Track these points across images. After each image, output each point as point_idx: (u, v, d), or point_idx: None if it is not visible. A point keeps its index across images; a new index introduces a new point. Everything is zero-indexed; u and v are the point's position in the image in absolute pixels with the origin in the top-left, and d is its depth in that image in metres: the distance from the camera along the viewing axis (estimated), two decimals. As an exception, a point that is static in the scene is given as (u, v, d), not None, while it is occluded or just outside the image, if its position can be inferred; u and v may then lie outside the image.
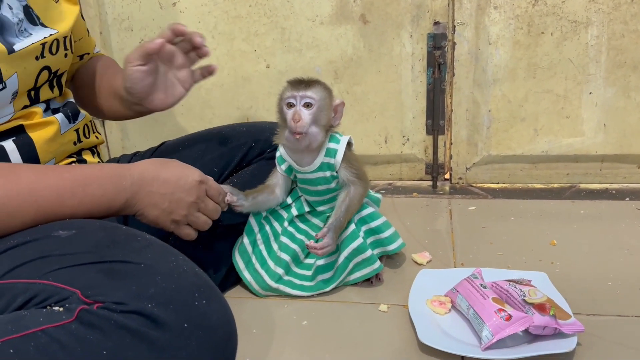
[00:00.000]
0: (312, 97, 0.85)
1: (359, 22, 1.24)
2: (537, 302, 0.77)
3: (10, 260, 0.63)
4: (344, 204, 0.88)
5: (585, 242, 1.04)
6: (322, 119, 0.86)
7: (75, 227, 0.68)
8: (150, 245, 0.67)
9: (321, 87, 0.87)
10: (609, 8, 1.14)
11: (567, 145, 1.25)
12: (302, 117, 0.84)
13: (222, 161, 1.04)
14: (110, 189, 0.73)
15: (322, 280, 0.92)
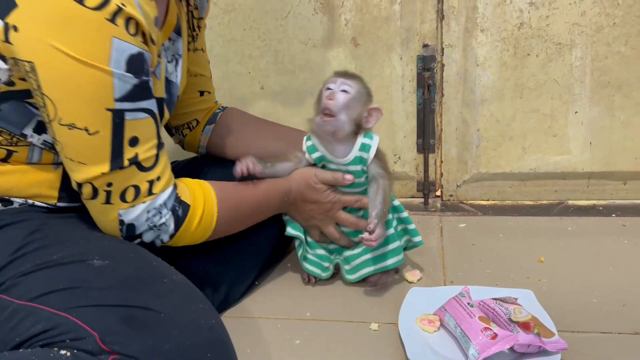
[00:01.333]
0: (350, 85, 0.91)
1: (350, 45, 1.28)
2: (522, 320, 0.79)
3: (45, 283, 0.67)
4: (379, 195, 0.94)
5: (572, 258, 1.06)
6: (354, 111, 0.91)
7: (110, 256, 0.71)
8: (174, 289, 0.70)
9: (362, 83, 0.93)
10: (591, 31, 1.18)
11: (555, 162, 1.28)
12: (336, 97, 0.89)
13: None
14: (277, 205, 0.96)
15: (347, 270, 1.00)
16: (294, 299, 0.99)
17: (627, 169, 1.27)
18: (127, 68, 0.69)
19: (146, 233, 0.78)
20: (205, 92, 1.08)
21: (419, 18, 1.23)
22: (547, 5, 1.18)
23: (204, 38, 1.06)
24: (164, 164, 0.78)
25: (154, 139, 0.76)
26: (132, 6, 0.68)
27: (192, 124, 1.08)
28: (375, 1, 1.24)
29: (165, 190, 0.78)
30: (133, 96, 0.71)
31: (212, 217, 0.84)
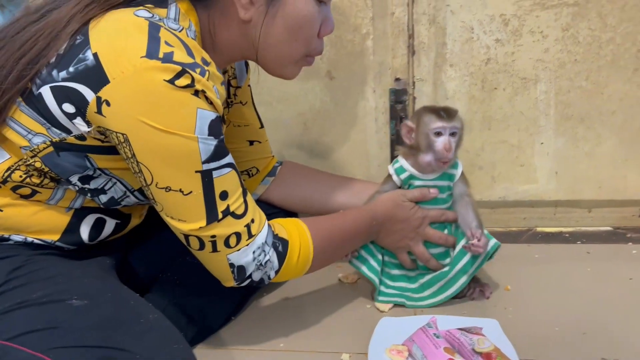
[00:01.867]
0: (458, 127, 0.99)
1: (326, 78, 1.32)
2: (484, 351, 0.82)
3: (24, 322, 0.69)
4: (470, 209, 1.02)
5: (537, 286, 1.10)
6: (460, 144, 1.01)
7: (89, 296, 0.74)
8: (151, 329, 0.73)
9: (459, 115, 1.01)
10: (554, 66, 1.24)
11: (523, 191, 1.33)
12: (452, 146, 0.98)
13: None
14: (367, 230, 1.00)
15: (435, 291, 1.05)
16: (269, 329, 1.01)
17: (592, 197, 1.32)
18: (209, 132, 0.75)
19: (255, 273, 0.84)
20: (255, 141, 1.13)
21: (391, 53, 1.28)
22: (512, 42, 1.23)
23: (249, 92, 1.12)
24: (253, 207, 0.83)
25: (240, 188, 0.81)
26: (212, 92, 0.75)
27: (252, 172, 1.14)
28: (349, 37, 1.28)
29: (263, 230, 0.84)
30: (216, 156, 0.76)
31: (308, 249, 0.89)
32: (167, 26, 0.74)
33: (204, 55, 0.76)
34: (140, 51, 0.69)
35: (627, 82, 1.23)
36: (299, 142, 1.38)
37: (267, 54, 0.86)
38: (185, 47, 0.73)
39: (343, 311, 1.06)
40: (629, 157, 1.28)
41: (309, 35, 0.86)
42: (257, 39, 0.83)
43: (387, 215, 1.01)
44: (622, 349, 0.89)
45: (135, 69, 0.68)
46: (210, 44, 0.85)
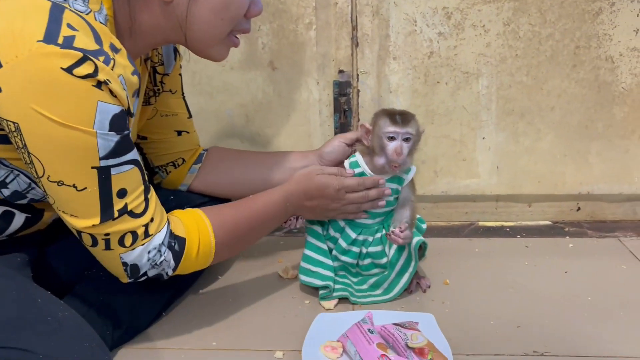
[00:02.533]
0: (411, 132, 0.98)
1: (268, 68, 1.29)
2: (417, 346, 0.82)
3: None
4: (408, 211, 1.02)
5: (475, 281, 1.10)
6: (414, 149, 1.01)
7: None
8: (59, 329, 0.68)
9: (415, 120, 1.00)
10: (496, 61, 1.24)
11: (465, 186, 1.33)
12: (403, 151, 0.97)
13: None
14: (281, 212, 0.97)
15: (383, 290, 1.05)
16: (201, 328, 0.97)
17: (531, 192, 1.33)
18: (110, 127, 0.70)
19: (150, 271, 0.82)
20: (183, 132, 1.09)
21: (334, 44, 1.26)
22: (454, 35, 1.23)
23: (179, 80, 1.07)
24: (154, 206, 0.80)
25: (141, 186, 0.78)
26: (117, 83, 0.69)
27: (178, 162, 1.10)
28: (291, 26, 1.25)
29: (161, 230, 0.81)
30: (117, 152, 0.72)
31: (209, 244, 0.86)
32: (73, 8, 0.69)
33: (113, 41, 0.72)
34: (38, 34, 0.64)
35: (566, 78, 1.25)
36: (240, 134, 1.34)
37: (193, 35, 0.82)
38: (92, 32, 0.68)
39: (281, 307, 1.03)
40: (567, 153, 1.30)
41: (236, 15, 0.82)
42: (181, 20, 0.79)
43: (302, 194, 0.98)
44: (553, 342, 0.90)
45: (31, 53, 0.64)
46: (127, 29, 0.80)
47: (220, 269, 1.18)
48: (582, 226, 1.34)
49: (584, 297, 1.03)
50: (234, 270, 1.18)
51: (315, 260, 1.05)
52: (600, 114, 1.26)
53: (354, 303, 1.03)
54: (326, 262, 1.05)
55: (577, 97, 1.26)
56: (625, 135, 1.28)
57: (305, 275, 1.05)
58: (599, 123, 1.27)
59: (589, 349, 0.88)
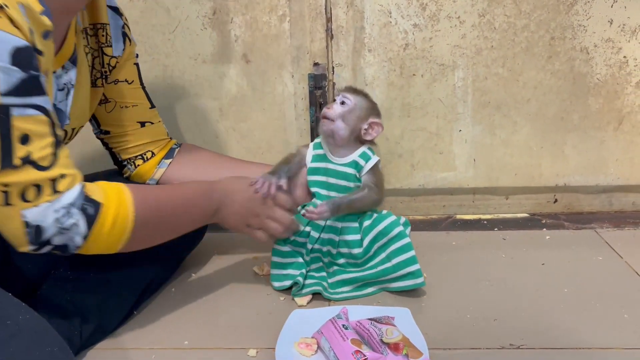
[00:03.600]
0: (349, 98, 1.00)
1: (242, 61, 1.26)
2: (392, 341, 0.80)
3: None
4: (355, 195, 1.00)
5: (452, 274, 1.10)
6: (351, 120, 0.99)
7: None
8: (18, 333, 0.64)
9: (362, 97, 1.01)
10: (471, 53, 1.23)
11: (442, 179, 1.33)
12: (333, 107, 0.99)
13: None
14: (205, 203, 0.91)
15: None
16: (173, 327, 0.95)
17: (508, 184, 1.33)
18: (12, 61, 0.65)
19: (56, 237, 0.72)
20: (146, 122, 1.05)
21: (309, 37, 1.24)
22: (430, 27, 1.22)
23: (135, 70, 1.04)
24: (65, 162, 0.72)
25: (50, 137, 0.70)
26: (16, 11, 0.64)
27: (147, 156, 1.07)
28: (264, 18, 1.23)
29: (73, 188, 0.72)
30: (21, 91, 0.66)
31: (127, 217, 0.77)
32: None
33: None
34: None
35: (541, 70, 1.24)
36: (214, 129, 1.32)
37: None
38: None
39: (255, 304, 1.01)
40: (544, 145, 1.30)
41: None
42: None
43: (229, 191, 0.94)
44: (530, 334, 0.89)
45: None
46: None
47: (194, 266, 1.16)
48: (559, 218, 1.34)
49: (560, 289, 1.03)
50: (208, 268, 1.15)
51: (283, 264, 1.04)
52: (576, 106, 1.26)
53: (327, 299, 1.01)
54: (295, 261, 1.04)
55: (552, 88, 1.25)
56: (600, 126, 1.28)
57: (277, 281, 1.04)
58: (575, 115, 1.27)
59: (566, 340, 0.88)
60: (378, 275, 1.01)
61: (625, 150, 1.29)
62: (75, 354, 0.86)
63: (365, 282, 1.02)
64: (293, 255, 1.05)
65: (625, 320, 0.93)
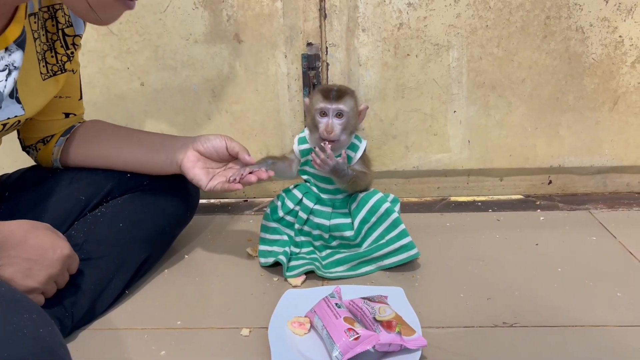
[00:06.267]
0: (343, 109, 0.95)
1: (234, 41, 1.25)
2: (385, 319, 0.80)
3: None
4: (354, 172, 0.98)
5: (446, 254, 1.09)
6: (349, 125, 0.97)
7: None
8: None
9: (349, 96, 0.97)
10: (466, 32, 1.22)
11: (436, 160, 1.32)
12: (334, 128, 0.95)
13: (90, 188, 1.01)
14: None
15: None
16: (166, 307, 0.94)
17: (503, 165, 1.33)
18: None
19: None
20: (71, 114, 1.03)
21: (302, 16, 1.22)
22: (424, 6, 1.20)
23: (77, 60, 1.00)
24: None
25: None
26: None
27: (47, 139, 1.03)
28: (257, -3, 1.21)
29: None
30: None
31: None
32: None
33: None
34: None
35: (537, 49, 1.23)
36: (207, 110, 1.30)
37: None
38: None
39: (248, 285, 1.01)
40: (538, 126, 1.29)
41: None
42: None
43: (17, 236, 0.76)
44: (523, 313, 0.89)
45: None
46: None
47: (187, 247, 1.15)
48: (553, 199, 1.34)
49: (554, 269, 1.03)
50: (201, 249, 1.15)
51: (269, 240, 1.04)
52: (571, 86, 1.25)
53: (321, 277, 1.01)
54: (281, 239, 1.04)
55: (547, 68, 1.24)
56: (595, 107, 1.27)
57: (263, 257, 1.04)
58: (570, 95, 1.27)
59: (558, 318, 0.88)
60: (372, 252, 1.01)
61: (620, 131, 1.29)
62: (67, 335, 0.86)
63: (360, 260, 1.02)
64: (279, 232, 1.05)
65: (619, 298, 0.93)
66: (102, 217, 0.97)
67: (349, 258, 1.02)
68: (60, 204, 0.98)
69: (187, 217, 1.12)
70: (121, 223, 0.97)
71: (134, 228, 0.98)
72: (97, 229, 0.95)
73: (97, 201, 1.00)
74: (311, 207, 1.02)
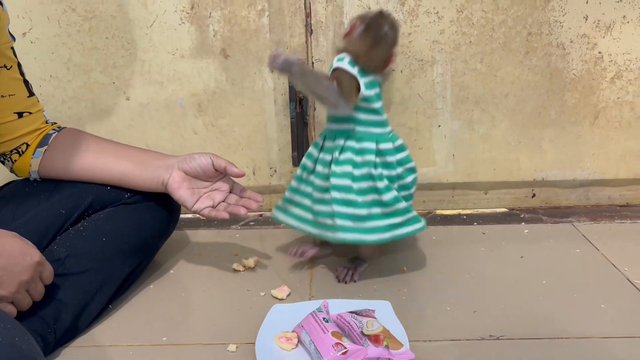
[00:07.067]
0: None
1: (220, 56, 1.25)
2: (373, 333, 0.80)
3: None
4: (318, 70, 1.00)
5: (432, 268, 1.10)
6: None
7: None
8: None
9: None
10: (450, 48, 1.24)
11: (422, 174, 1.33)
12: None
13: (70, 201, 1.00)
14: None
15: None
16: (151, 323, 0.93)
17: (487, 179, 1.34)
18: None
19: None
20: (24, 112, 0.99)
21: (289, 32, 1.23)
22: (408, 22, 1.22)
23: (12, 54, 0.98)
24: None
25: None
26: None
27: (22, 149, 1.00)
28: (243, 13, 1.22)
29: None
30: None
31: None
32: None
33: None
34: None
35: (519, 65, 1.25)
36: (193, 125, 1.30)
37: None
38: None
39: (235, 300, 1.00)
40: (521, 140, 1.31)
41: None
42: None
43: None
44: (509, 325, 0.90)
45: None
46: None
47: (173, 262, 1.14)
48: (537, 212, 1.36)
49: (538, 281, 1.04)
50: (187, 263, 1.14)
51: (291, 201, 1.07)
52: (553, 101, 1.28)
53: (323, 231, 1.00)
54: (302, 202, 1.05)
55: (530, 84, 1.27)
56: (577, 121, 1.30)
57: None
58: (552, 110, 1.29)
59: (544, 331, 0.88)
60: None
61: (601, 145, 1.31)
62: (50, 353, 0.84)
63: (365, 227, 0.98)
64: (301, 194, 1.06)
65: (602, 310, 0.94)
66: (84, 231, 0.96)
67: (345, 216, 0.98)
68: (40, 218, 0.96)
69: (169, 229, 1.11)
70: (104, 237, 0.96)
71: (117, 242, 0.97)
72: (80, 243, 0.93)
73: (78, 214, 0.99)
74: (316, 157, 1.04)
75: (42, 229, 0.95)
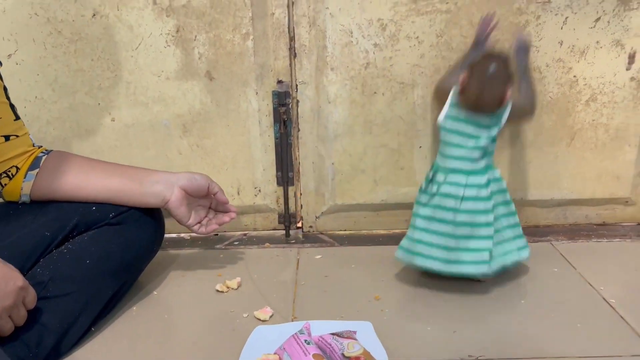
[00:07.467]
0: None
1: (205, 78, 1.27)
2: (353, 355, 0.81)
3: None
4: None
5: (414, 287, 1.11)
6: None
7: None
8: None
9: None
10: (430, 71, 1.27)
11: (404, 193, 1.35)
12: None
13: (55, 223, 1.00)
14: None
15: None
16: (135, 346, 0.94)
17: (468, 199, 1.36)
18: None
19: None
20: (11, 136, 0.99)
21: (273, 55, 1.26)
22: (390, 47, 1.25)
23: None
24: None
25: None
26: None
27: (12, 172, 1.00)
28: (228, 36, 1.24)
29: None
30: None
31: None
32: None
33: None
34: None
35: (497, 88, 1.28)
36: (178, 145, 1.31)
37: None
38: None
39: (218, 322, 1.01)
40: (501, 161, 1.34)
41: None
42: None
43: None
44: (488, 345, 0.92)
45: None
46: None
47: (156, 284, 1.14)
48: (516, 231, 1.38)
49: (517, 300, 1.06)
50: (170, 285, 1.15)
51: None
52: (531, 123, 1.31)
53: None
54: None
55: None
56: (554, 142, 1.33)
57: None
58: (530, 131, 1.32)
59: (521, 350, 0.90)
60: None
61: (578, 165, 1.35)
62: (31, 376, 0.84)
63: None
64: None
65: (578, 329, 0.96)
66: (68, 253, 0.96)
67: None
68: (25, 240, 0.97)
69: (154, 249, 1.12)
70: (88, 259, 0.96)
71: (101, 264, 0.98)
72: (63, 266, 0.94)
73: (63, 236, 0.99)
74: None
75: (26, 252, 0.95)
